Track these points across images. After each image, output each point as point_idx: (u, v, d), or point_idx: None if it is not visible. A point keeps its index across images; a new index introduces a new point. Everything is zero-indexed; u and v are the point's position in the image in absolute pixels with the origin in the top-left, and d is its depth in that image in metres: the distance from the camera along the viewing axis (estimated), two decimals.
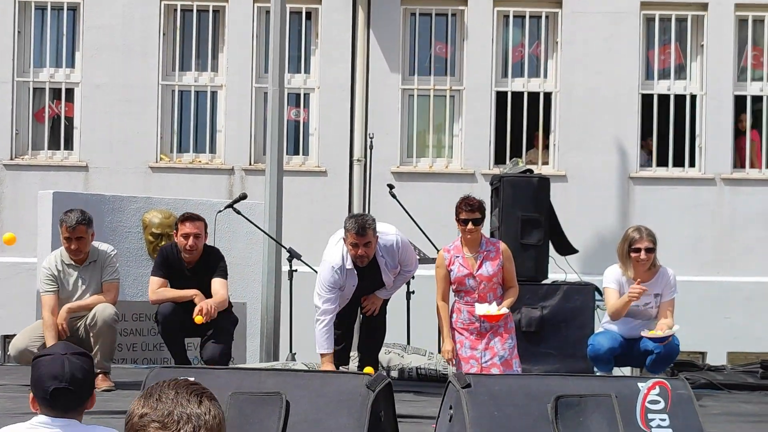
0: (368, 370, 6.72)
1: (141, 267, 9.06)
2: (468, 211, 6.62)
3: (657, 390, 3.69)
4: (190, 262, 7.07)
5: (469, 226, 6.60)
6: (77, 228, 6.90)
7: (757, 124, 11.68)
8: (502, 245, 6.81)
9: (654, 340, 6.71)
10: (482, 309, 6.47)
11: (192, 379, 2.14)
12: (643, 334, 6.76)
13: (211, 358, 6.87)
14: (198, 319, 6.76)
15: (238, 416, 3.32)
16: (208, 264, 7.13)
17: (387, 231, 6.96)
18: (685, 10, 11.59)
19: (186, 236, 6.98)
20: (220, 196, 10.63)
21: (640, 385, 3.68)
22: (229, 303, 7.27)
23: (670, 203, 11.42)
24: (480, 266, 6.63)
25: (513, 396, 3.50)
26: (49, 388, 2.91)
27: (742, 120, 11.64)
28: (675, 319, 7.23)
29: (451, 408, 3.60)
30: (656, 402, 3.65)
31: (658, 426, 3.60)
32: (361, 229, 6.66)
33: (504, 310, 6.50)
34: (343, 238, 6.79)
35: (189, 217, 7.07)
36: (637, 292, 6.69)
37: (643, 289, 6.71)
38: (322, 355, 6.73)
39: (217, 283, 7.07)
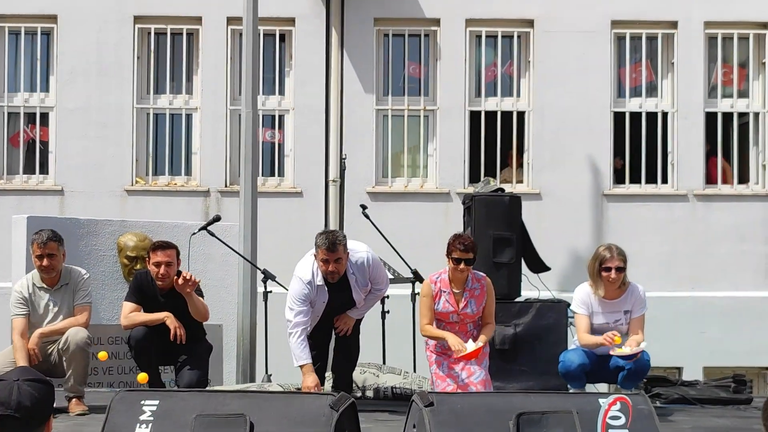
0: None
1: (116, 290, 9.06)
2: (461, 250, 6.66)
3: (618, 406, 3.73)
4: (164, 288, 7.08)
5: (461, 266, 6.67)
6: (48, 244, 6.91)
7: (726, 140, 11.80)
8: (487, 281, 6.88)
9: (622, 357, 6.77)
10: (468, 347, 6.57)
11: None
12: (611, 352, 6.81)
13: (188, 385, 6.87)
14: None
15: None
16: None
17: (358, 248, 7.00)
18: (656, 28, 11.72)
19: (158, 264, 6.99)
20: (196, 218, 10.64)
21: (601, 401, 3.73)
22: (203, 330, 7.28)
23: (643, 220, 11.51)
24: (465, 305, 6.75)
25: (475, 413, 3.54)
26: None
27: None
28: (650, 335, 7.29)
29: (414, 427, 3.64)
30: (617, 418, 3.69)
31: None
32: (331, 245, 6.70)
33: (480, 344, 6.59)
34: (314, 254, 6.83)
35: (160, 246, 7.08)
36: (609, 341, 6.76)
37: (616, 341, 6.77)
38: (301, 366, 6.72)
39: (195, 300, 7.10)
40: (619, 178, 11.71)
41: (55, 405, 6.53)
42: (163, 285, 7.04)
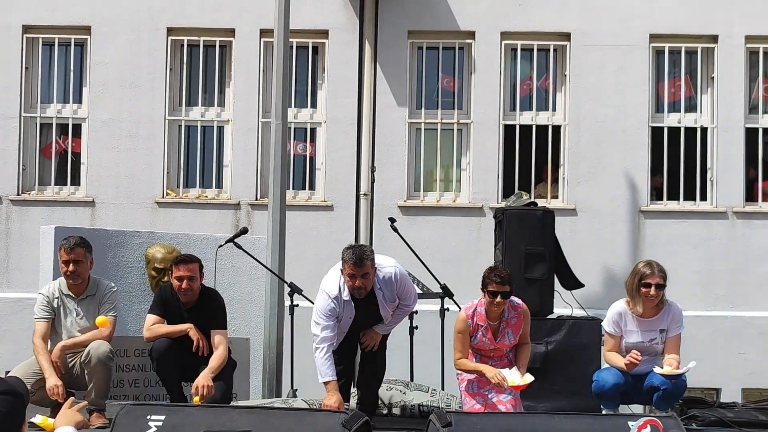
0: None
1: (143, 302, 8.97)
2: (498, 283, 6.50)
3: (648, 429, 3.55)
4: (187, 303, 6.98)
5: (498, 299, 6.51)
6: (75, 249, 6.86)
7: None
8: (523, 307, 6.73)
9: (668, 377, 6.56)
10: (508, 378, 6.40)
11: None
12: (656, 371, 6.61)
13: (212, 400, 6.75)
14: (196, 399, 6.67)
15: None
16: (206, 306, 7.03)
17: (385, 263, 6.85)
18: (695, 42, 11.50)
19: (180, 279, 6.89)
20: (226, 231, 10.55)
21: (630, 424, 3.55)
22: (228, 346, 7.18)
23: (681, 237, 11.27)
24: (503, 336, 6.63)
25: None
26: None
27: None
28: (687, 355, 7.09)
29: None
30: None
31: None
32: (358, 260, 6.56)
33: (529, 378, 6.45)
34: (341, 269, 6.69)
35: (182, 260, 6.98)
36: (635, 363, 6.59)
37: (638, 360, 6.61)
38: (325, 383, 6.58)
39: (217, 338, 6.97)
40: (656, 195, 11.48)
41: (79, 420, 6.45)
42: (187, 299, 6.94)
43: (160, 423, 3.41)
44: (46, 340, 6.85)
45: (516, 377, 6.40)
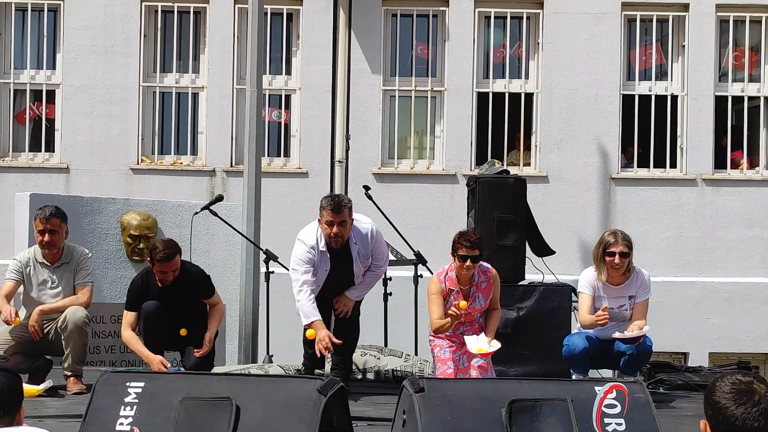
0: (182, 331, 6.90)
1: (119, 269, 9.05)
2: (468, 247, 6.57)
3: (614, 394, 3.67)
4: (164, 282, 7.01)
5: (468, 263, 6.58)
6: (51, 220, 6.88)
7: (738, 124, 11.70)
8: (493, 273, 6.81)
9: (624, 341, 6.71)
10: (473, 344, 6.49)
11: None
12: (614, 336, 6.76)
13: (194, 367, 6.83)
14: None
15: (187, 421, 3.31)
16: (184, 280, 7.04)
17: (363, 220, 6.97)
18: (667, 10, 11.60)
19: (164, 273, 6.91)
20: (201, 198, 10.60)
21: (596, 388, 3.67)
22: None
23: (651, 204, 11.43)
24: (473, 300, 6.71)
25: (467, 400, 3.49)
26: None
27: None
28: (656, 320, 7.23)
29: (404, 413, 3.59)
30: (613, 406, 3.63)
31: (614, 430, 3.58)
32: (336, 206, 6.65)
33: (496, 345, 6.53)
34: (318, 219, 6.78)
35: (165, 258, 6.86)
36: (603, 321, 6.70)
37: (607, 317, 6.72)
38: (311, 323, 6.62)
39: (212, 307, 7.11)
40: (627, 162, 11.62)
41: (53, 384, 6.49)
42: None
43: (140, 390, 3.49)
44: (9, 298, 6.87)
45: (483, 344, 6.51)
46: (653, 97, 11.55)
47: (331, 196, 6.86)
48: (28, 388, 6.45)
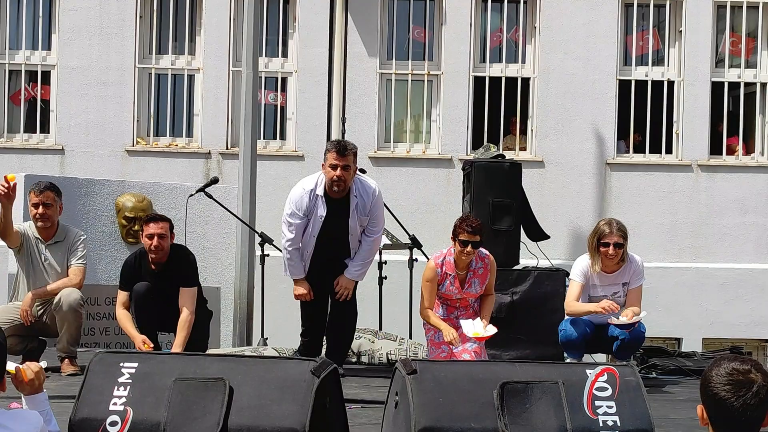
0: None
1: (114, 251, 9.05)
2: (469, 233, 6.58)
3: (605, 377, 3.68)
4: (158, 262, 6.96)
5: (468, 248, 6.59)
6: (45, 192, 6.88)
7: (734, 110, 11.71)
8: (490, 259, 6.84)
9: (620, 326, 6.73)
10: (469, 328, 6.50)
11: None
12: (610, 321, 6.78)
13: (187, 349, 6.83)
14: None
15: (180, 402, 3.32)
16: (176, 265, 7.02)
17: (369, 180, 7.01)
18: None
19: (150, 236, 6.86)
20: (196, 180, 10.59)
21: (588, 372, 3.68)
22: (203, 297, 7.21)
23: (646, 189, 11.44)
24: (470, 285, 6.73)
25: (459, 382, 3.50)
26: None
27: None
28: (650, 305, 7.24)
29: (396, 395, 3.61)
30: (604, 389, 3.64)
31: (605, 413, 3.59)
32: (342, 148, 6.66)
33: (491, 330, 6.55)
34: (322, 164, 6.78)
35: (152, 218, 6.97)
36: (608, 310, 6.67)
37: (615, 308, 6.68)
38: (297, 280, 6.89)
39: (183, 296, 6.90)
40: (624, 149, 11.63)
41: (48, 365, 6.48)
42: (157, 258, 6.92)
43: (133, 370, 3.50)
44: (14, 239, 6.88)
45: (479, 328, 6.53)
46: (650, 83, 11.55)
47: (336, 140, 6.88)
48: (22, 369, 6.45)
